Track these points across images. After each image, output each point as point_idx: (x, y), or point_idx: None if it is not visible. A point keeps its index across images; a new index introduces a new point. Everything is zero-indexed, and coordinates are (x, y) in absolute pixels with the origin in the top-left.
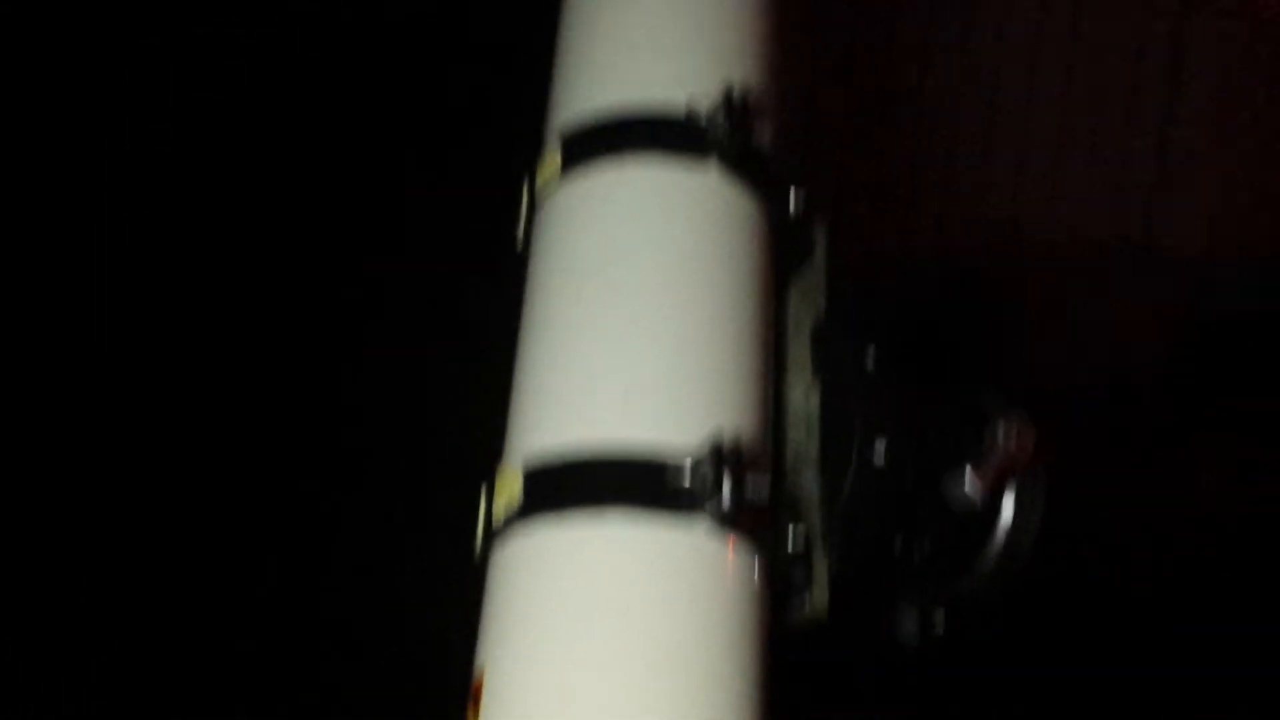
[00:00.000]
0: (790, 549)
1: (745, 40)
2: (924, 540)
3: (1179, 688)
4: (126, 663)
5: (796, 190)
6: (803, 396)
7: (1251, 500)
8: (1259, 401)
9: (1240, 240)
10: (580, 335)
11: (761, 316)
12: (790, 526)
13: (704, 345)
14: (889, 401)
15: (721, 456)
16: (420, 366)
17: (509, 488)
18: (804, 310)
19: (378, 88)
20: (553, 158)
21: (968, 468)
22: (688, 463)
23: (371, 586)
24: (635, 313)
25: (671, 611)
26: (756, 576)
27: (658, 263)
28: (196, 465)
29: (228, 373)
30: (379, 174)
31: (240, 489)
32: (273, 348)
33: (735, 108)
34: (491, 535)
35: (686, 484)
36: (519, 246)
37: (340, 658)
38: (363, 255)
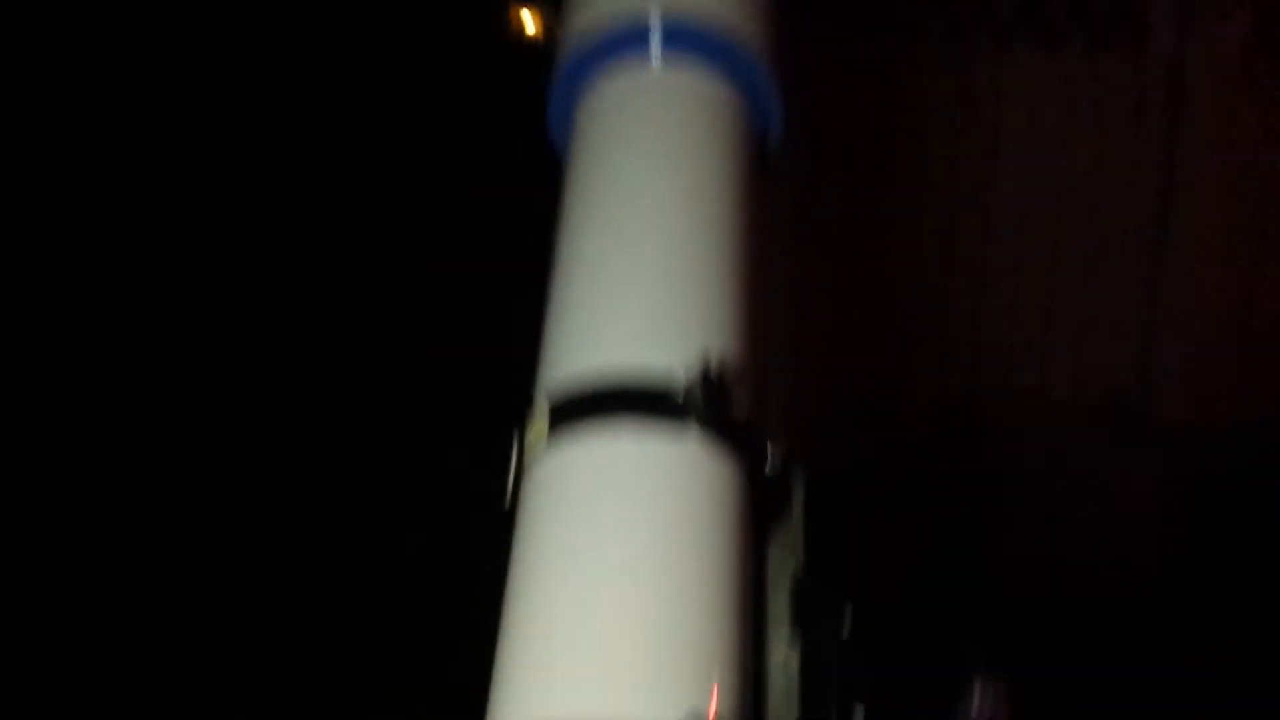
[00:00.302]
0: None
1: (723, 304)
2: None
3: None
4: (126, 663)
5: (773, 446)
6: (783, 654)
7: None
8: (1259, 570)
9: (1233, 407)
10: (557, 604)
11: (740, 581)
12: None
13: (684, 615)
14: (866, 665)
15: None
16: (420, 366)
17: None
18: (783, 564)
19: (378, 88)
20: (541, 420)
21: None
22: None
23: (371, 586)
24: (617, 584)
25: None
26: None
27: (638, 534)
28: (196, 465)
29: (227, 373)
30: (379, 174)
31: (240, 489)
32: (272, 348)
33: (712, 377)
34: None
35: None
36: (507, 505)
37: (340, 658)
38: (362, 256)
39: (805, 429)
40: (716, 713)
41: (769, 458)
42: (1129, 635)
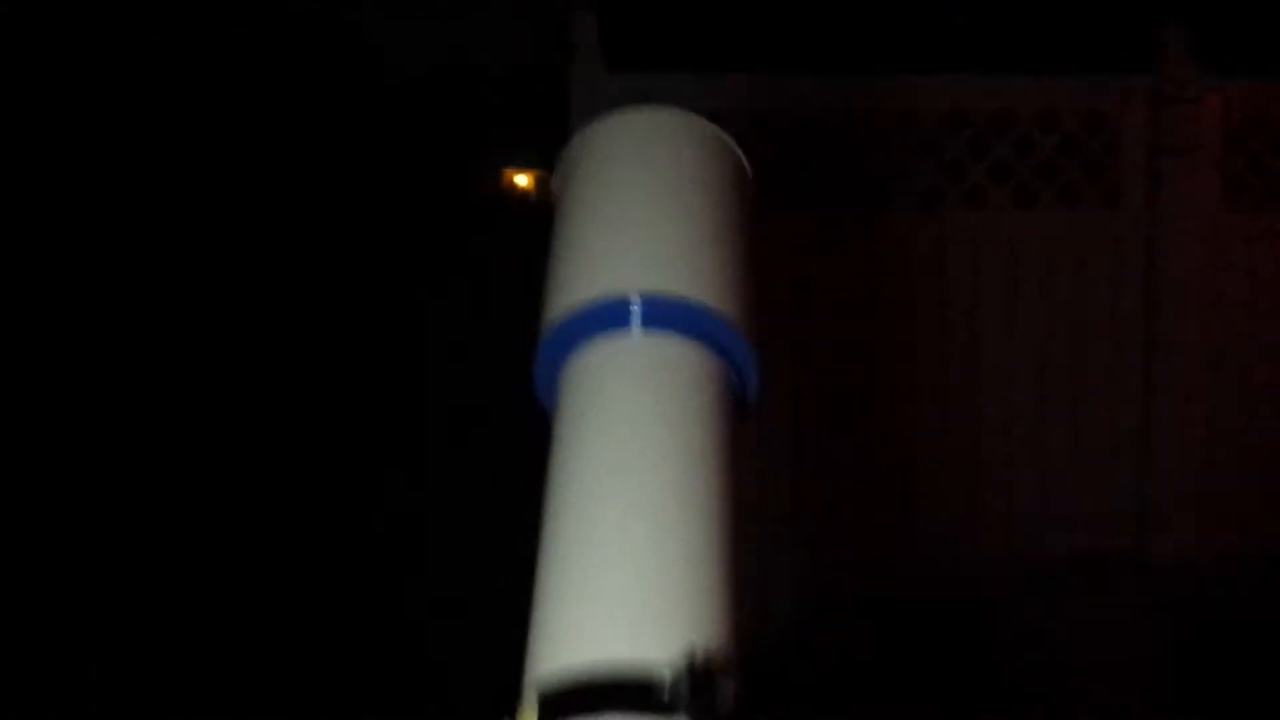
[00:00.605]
0: None
1: (708, 591)
2: None
3: None
4: (126, 663)
5: None
6: None
7: None
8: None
9: (1230, 545)
10: None
11: None
12: None
13: None
14: None
15: None
16: (419, 366)
17: None
18: None
19: (377, 88)
20: (530, 713)
21: None
22: None
23: (371, 586)
24: None
25: None
26: None
27: None
28: (196, 465)
29: (227, 373)
30: (378, 175)
31: (241, 489)
32: (272, 348)
33: (698, 671)
34: None
35: None
36: None
37: (340, 657)
38: (361, 255)
39: (808, 591)
40: None
41: None
42: None
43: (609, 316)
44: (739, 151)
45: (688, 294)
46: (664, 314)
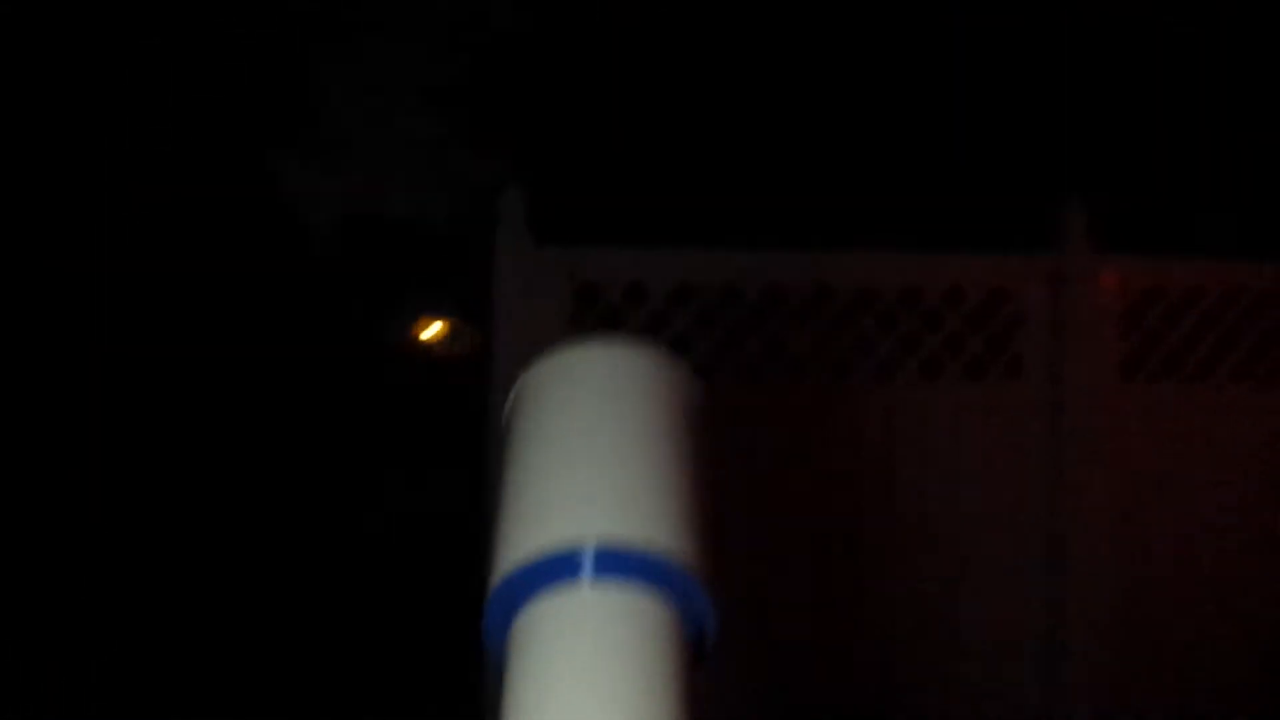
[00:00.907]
0: None
1: None
2: None
3: None
4: (127, 663)
5: None
6: None
7: None
8: None
9: (1141, 712)
10: None
11: None
12: None
13: None
14: None
15: None
16: (418, 366)
17: None
18: None
19: (376, 88)
20: None
21: None
22: None
23: (370, 587)
24: None
25: None
26: None
27: None
28: (196, 465)
29: (227, 373)
30: (376, 174)
31: (240, 488)
32: (271, 348)
33: None
34: None
35: None
36: None
37: (340, 659)
38: (361, 255)
39: None
40: None
41: None
42: None
43: (556, 569)
44: (694, 381)
45: (641, 542)
46: (615, 564)
